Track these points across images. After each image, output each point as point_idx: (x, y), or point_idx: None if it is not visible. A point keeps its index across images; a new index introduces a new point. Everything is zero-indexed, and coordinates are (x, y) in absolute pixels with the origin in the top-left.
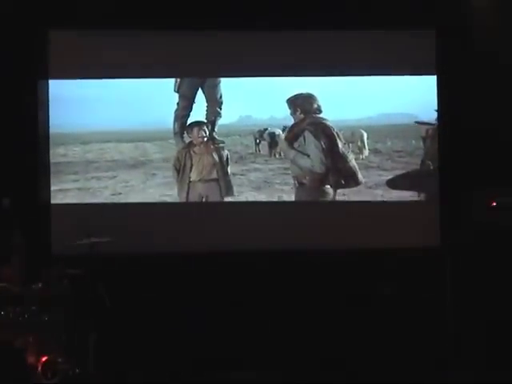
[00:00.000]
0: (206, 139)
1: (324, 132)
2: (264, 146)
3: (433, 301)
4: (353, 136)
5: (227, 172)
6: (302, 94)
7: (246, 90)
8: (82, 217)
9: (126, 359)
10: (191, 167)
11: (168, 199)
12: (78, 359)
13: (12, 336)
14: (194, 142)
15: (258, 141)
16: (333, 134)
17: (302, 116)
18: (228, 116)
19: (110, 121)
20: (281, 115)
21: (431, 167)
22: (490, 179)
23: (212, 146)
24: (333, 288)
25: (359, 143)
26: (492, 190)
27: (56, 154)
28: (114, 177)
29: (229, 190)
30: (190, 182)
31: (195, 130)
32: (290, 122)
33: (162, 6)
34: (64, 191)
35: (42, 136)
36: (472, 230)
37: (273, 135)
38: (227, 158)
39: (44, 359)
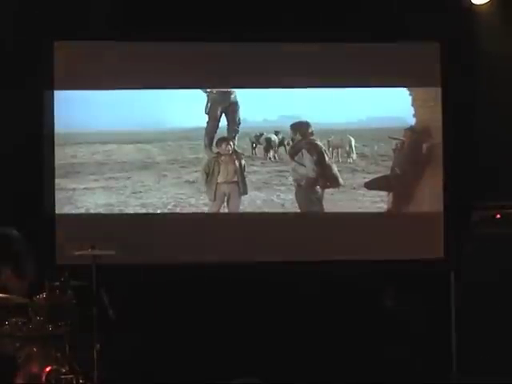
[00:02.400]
0: (231, 152)
1: (316, 150)
2: (259, 149)
3: (436, 314)
4: (342, 141)
5: (244, 176)
6: (301, 121)
7: (240, 95)
8: (87, 227)
9: (130, 370)
10: (219, 172)
11: (183, 197)
12: (82, 370)
13: (16, 346)
14: (221, 153)
15: (254, 145)
16: (321, 151)
17: (300, 138)
18: (224, 119)
19: (109, 122)
20: (273, 118)
21: (398, 172)
22: (495, 191)
23: (235, 157)
24: (335, 300)
25: (347, 148)
26: (497, 203)
27: (67, 155)
28: (129, 177)
29: (245, 190)
30: (217, 183)
31: (223, 144)
32: (283, 124)
33: (162, 17)
34: (91, 189)
35: (46, 144)
36: (476, 242)
37: (269, 140)
38: (244, 166)
39: (48, 369)
